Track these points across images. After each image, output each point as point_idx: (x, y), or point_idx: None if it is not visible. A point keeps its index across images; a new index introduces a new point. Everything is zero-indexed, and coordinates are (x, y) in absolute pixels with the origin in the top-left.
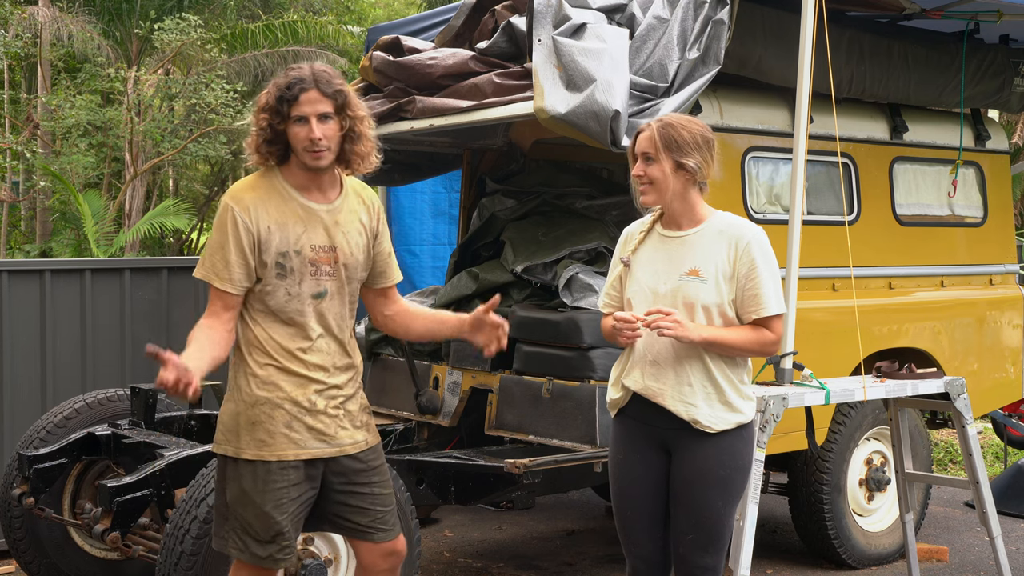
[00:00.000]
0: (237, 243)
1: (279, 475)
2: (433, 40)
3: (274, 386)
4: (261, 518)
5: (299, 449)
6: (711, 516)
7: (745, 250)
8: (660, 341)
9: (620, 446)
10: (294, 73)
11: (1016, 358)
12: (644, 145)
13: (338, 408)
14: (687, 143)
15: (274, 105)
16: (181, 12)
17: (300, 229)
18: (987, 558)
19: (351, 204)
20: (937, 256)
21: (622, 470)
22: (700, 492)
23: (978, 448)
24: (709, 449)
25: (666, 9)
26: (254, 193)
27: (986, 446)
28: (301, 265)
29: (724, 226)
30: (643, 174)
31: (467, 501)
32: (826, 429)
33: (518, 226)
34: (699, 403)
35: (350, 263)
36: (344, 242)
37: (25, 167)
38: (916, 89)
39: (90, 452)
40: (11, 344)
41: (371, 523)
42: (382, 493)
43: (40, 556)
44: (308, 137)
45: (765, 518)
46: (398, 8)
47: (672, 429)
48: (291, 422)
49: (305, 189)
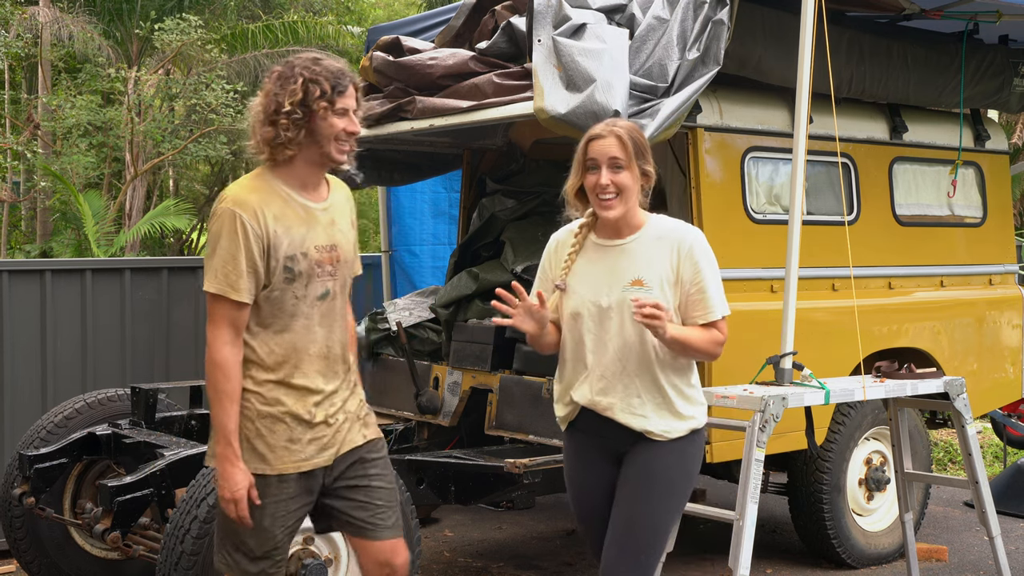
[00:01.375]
0: (248, 251)
1: (277, 489)
2: (433, 40)
3: (275, 401)
4: (257, 533)
5: (299, 462)
6: (646, 517)
7: (688, 254)
8: (607, 355)
9: (573, 459)
10: (331, 64)
11: (1015, 358)
12: (612, 150)
13: (337, 414)
14: (646, 149)
15: (319, 94)
16: (181, 12)
17: (304, 230)
18: (986, 558)
19: (339, 200)
20: (937, 256)
21: (577, 482)
22: (641, 489)
23: (977, 448)
24: (658, 451)
25: (666, 9)
26: (257, 195)
27: (985, 446)
28: (309, 267)
29: (663, 231)
30: (610, 182)
31: (467, 501)
32: (826, 429)
33: (518, 226)
34: (649, 414)
35: (348, 260)
36: (343, 240)
37: (26, 167)
38: (916, 89)
39: (91, 452)
40: (11, 344)
41: (370, 518)
42: (381, 487)
43: (41, 556)
44: (347, 129)
45: (765, 518)
46: (398, 8)
47: (624, 440)
48: (292, 435)
49: (303, 188)
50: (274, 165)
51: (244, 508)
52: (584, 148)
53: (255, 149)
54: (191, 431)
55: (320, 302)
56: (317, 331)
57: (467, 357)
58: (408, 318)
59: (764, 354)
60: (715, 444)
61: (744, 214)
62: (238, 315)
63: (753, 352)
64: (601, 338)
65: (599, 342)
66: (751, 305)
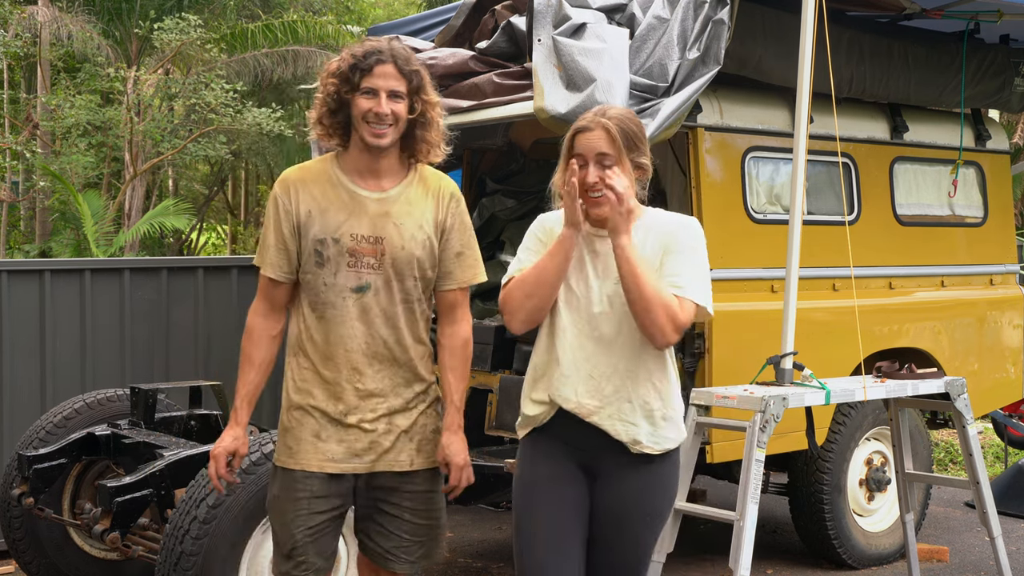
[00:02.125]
0: (277, 226)
1: (302, 484)
2: (433, 40)
3: (307, 393)
4: (283, 529)
5: (324, 461)
6: (635, 555)
7: (671, 237)
8: (597, 352)
9: (531, 468)
10: (372, 44)
11: (1016, 358)
12: (599, 145)
13: (377, 421)
14: (641, 139)
15: (346, 72)
16: (181, 12)
17: (343, 216)
18: (987, 558)
19: (412, 194)
20: (937, 256)
21: (533, 497)
22: (628, 529)
23: (978, 448)
24: (641, 477)
25: (666, 9)
26: (300, 175)
27: (986, 446)
28: (338, 254)
29: (653, 223)
30: (599, 180)
31: (467, 501)
32: (826, 429)
33: (518, 226)
34: (640, 422)
35: (400, 257)
36: (395, 234)
37: (25, 167)
38: (916, 89)
39: (90, 452)
40: (11, 344)
41: (393, 549)
42: (413, 522)
43: (40, 556)
44: (374, 110)
45: (765, 518)
46: (398, 8)
47: (601, 451)
48: (320, 432)
49: (359, 175)
50: (341, 151)
51: (219, 466)
52: (571, 141)
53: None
54: (190, 431)
55: (356, 295)
56: (355, 326)
57: None
58: None
59: (764, 354)
60: (715, 444)
61: (744, 214)
62: (272, 290)
63: (753, 352)
64: (591, 335)
65: (588, 338)
66: (751, 305)
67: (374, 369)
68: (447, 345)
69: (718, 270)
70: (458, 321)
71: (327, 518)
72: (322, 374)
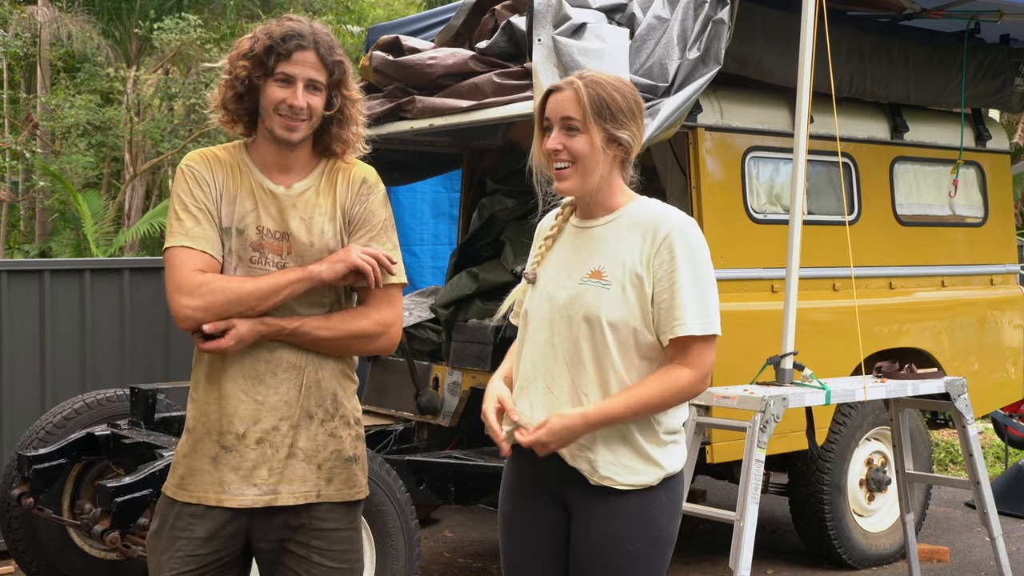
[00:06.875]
0: (202, 197)
1: (188, 523)
2: (433, 40)
3: (203, 407)
4: (155, 572)
5: (221, 494)
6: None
7: (663, 245)
8: (557, 360)
9: (509, 496)
10: (292, 25)
11: (1017, 358)
12: (565, 108)
13: (282, 440)
14: (622, 110)
15: (260, 55)
16: (181, 12)
17: (249, 206)
18: (988, 558)
19: (323, 185)
20: (938, 256)
21: (511, 528)
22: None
23: (979, 448)
24: (616, 513)
25: (666, 9)
26: (212, 154)
27: (987, 446)
28: (241, 247)
29: (642, 215)
30: (562, 148)
31: (467, 501)
32: (826, 429)
33: (518, 226)
34: (599, 452)
35: (309, 256)
36: (302, 230)
37: (24, 167)
38: (916, 89)
39: (89, 452)
40: (11, 344)
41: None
42: (323, 564)
43: (39, 556)
44: (288, 101)
45: (765, 518)
46: (398, 8)
47: (567, 482)
48: (216, 457)
49: (265, 167)
50: (249, 140)
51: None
52: (542, 103)
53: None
54: None
55: None
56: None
57: (467, 357)
58: (408, 318)
59: (764, 354)
60: (715, 444)
61: (745, 214)
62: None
63: (753, 352)
64: (551, 340)
65: (547, 345)
66: (751, 305)
67: (268, 377)
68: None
69: (718, 270)
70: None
71: (215, 562)
72: (219, 382)
